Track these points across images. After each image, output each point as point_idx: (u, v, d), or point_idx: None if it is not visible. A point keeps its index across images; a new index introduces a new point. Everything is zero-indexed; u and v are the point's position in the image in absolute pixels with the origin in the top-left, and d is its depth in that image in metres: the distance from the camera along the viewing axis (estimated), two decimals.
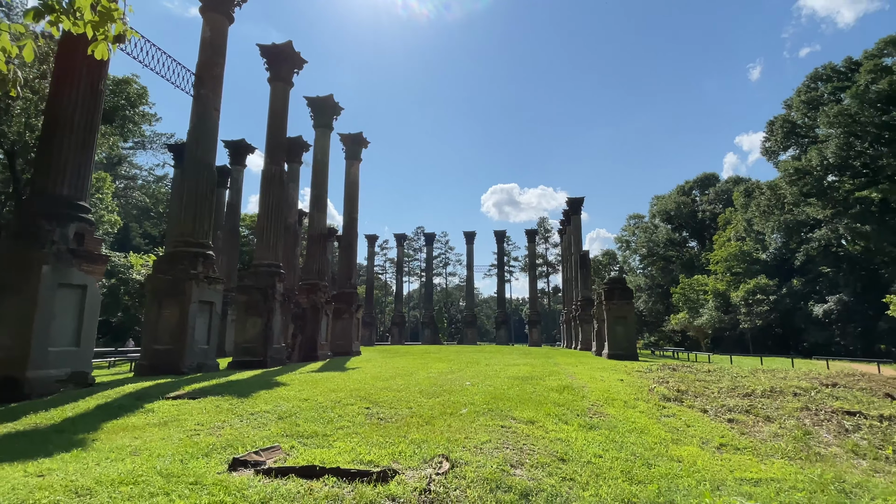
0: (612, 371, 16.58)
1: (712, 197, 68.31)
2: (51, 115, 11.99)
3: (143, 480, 4.34)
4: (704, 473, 6.16)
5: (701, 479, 5.85)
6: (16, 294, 10.70)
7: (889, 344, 37.73)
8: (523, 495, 4.70)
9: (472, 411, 8.23)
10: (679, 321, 53.76)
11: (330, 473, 4.53)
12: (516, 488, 4.79)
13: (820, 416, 9.32)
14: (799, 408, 9.96)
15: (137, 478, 4.40)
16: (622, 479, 5.73)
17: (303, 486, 4.32)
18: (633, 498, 5.04)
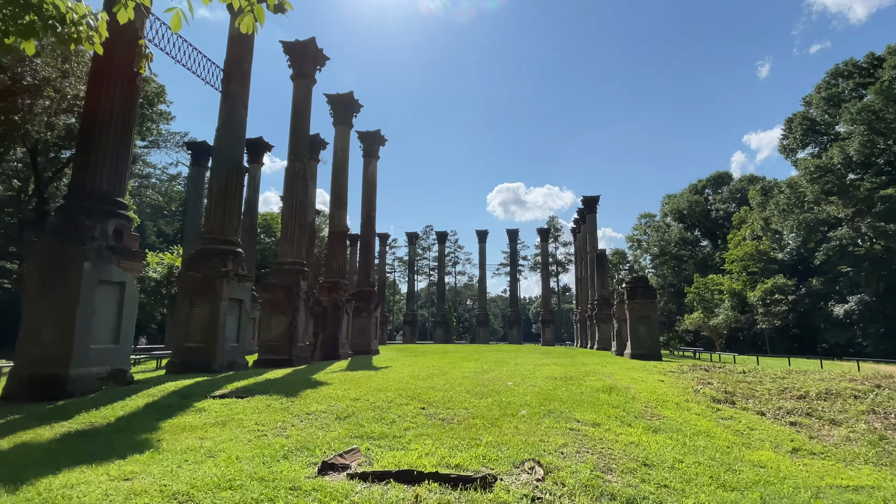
0: (644, 371, 16.31)
1: (726, 196, 67.66)
2: (89, 111, 11.87)
3: (239, 485, 4.15)
4: (795, 480, 5.90)
5: (796, 486, 5.59)
6: (57, 291, 10.57)
7: None
8: (629, 503, 4.47)
9: (531, 413, 8.00)
10: (693, 321, 53.25)
11: (430, 479, 4.32)
12: (621, 496, 4.56)
13: (890, 420, 9.03)
14: (864, 411, 9.67)
15: (232, 482, 4.21)
16: (714, 485, 5.49)
17: (407, 492, 4.11)
18: None
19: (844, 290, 44.69)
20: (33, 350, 10.40)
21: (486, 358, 20.39)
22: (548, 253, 58.53)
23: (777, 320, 45.70)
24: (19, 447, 5.92)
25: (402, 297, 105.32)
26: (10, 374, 10.60)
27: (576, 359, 21.88)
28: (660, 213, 74.92)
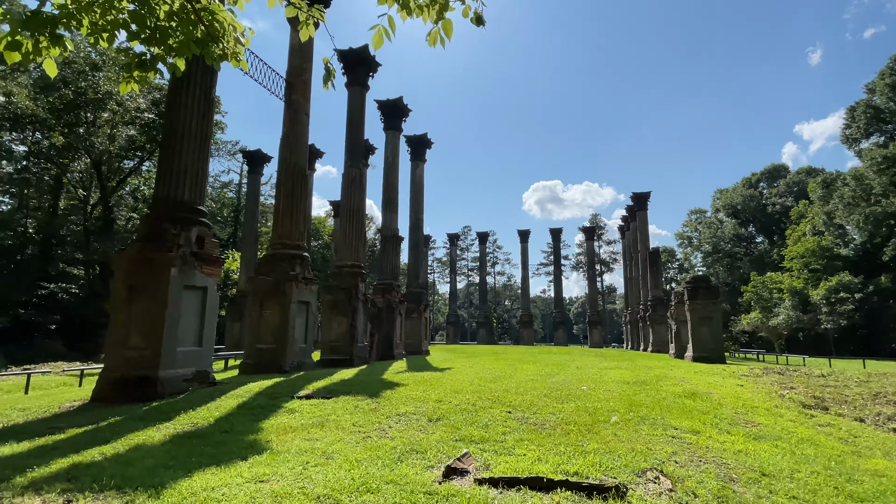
0: (717, 375, 15.69)
1: (782, 189, 64.42)
2: (169, 123, 12.45)
3: (376, 488, 4.23)
4: None
5: None
6: (146, 296, 11.14)
7: None
8: None
9: (623, 419, 7.81)
10: (751, 321, 50.96)
11: (562, 486, 4.27)
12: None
13: None
14: None
15: (367, 486, 4.29)
16: (840, 496, 5.20)
17: (544, 499, 4.08)
18: None
19: None
20: (123, 353, 10.97)
21: (542, 360, 20.15)
22: (593, 252, 57.34)
23: (843, 320, 43.09)
24: (135, 449, 6.20)
25: (441, 298, 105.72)
26: (100, 376, 11.22)
27: (636, 362, 21.31)
28: (711, 209, 72.15)
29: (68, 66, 30.43)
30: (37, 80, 32.41)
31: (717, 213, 72.33)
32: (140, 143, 35.35)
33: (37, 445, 6.31)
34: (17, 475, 4.93)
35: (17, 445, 6.35)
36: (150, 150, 36.51)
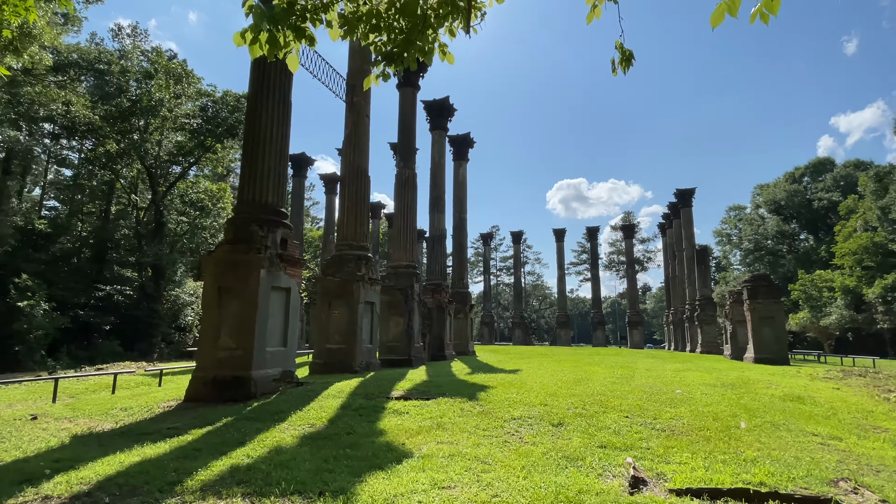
0: (797, 377, 15.09)
1: (829, 184, 61.96)
2: (252, 127, 12.59)
3: (575, 500, 4.06)
4: None
5: None
6: (236, 297, 11.26)
7: None
8: None
9: (752, 425, 7.48)
10: (799, 321, 49.12)
11: (772, 499, 4.02)
12: None
13: None
14: None
15: (565, 496, 4.13)
16: None
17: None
18: None
19: None
20: (215, 353, 11.11)
21: (604, 363, 19.73)
22: (632, 250, 56.28)
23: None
24: (277, 451, 6.13)
25: (473, 299, 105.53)
26: (193, 376, 11.38)
27: (699, 363, 20.71)
28: (751, 205, 69.99)
29: (122, 74, 31.40)
30: (90, 89, 33.53)
31: (757, 209, 70.11)
32: (188, 148, 36.19)
33: (175, 447, 6.36)
34: (184, 478, 4.95)
35: (154, 446, 6.41)
36: (197, 155, 37.35)
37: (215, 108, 35.81)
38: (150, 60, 32.31)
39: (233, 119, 36.57)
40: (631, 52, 3.04)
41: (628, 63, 3.05)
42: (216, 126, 36.18)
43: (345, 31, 3.25)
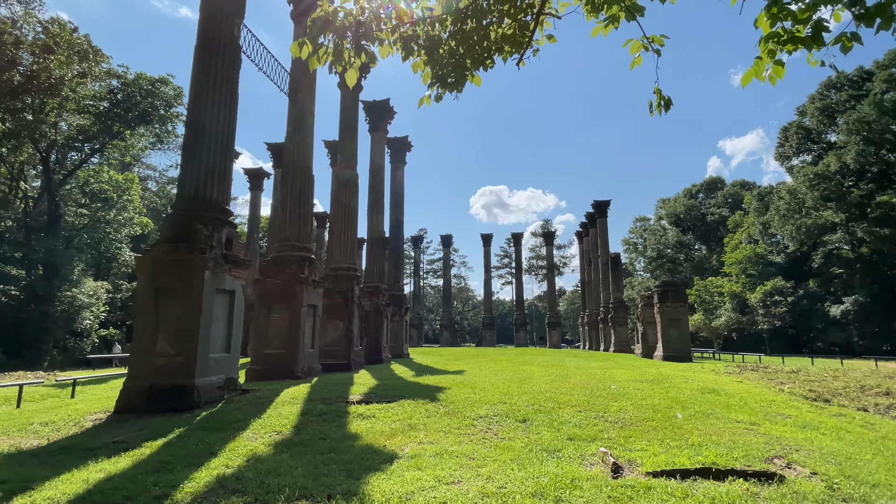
0: (705, 373, 16.97)
1: (720, 200, 69.75)
2: (194, 119, 11.86)
3: (573, 485, 4.46)
4: None
5: None
6: (176, 300, 10.54)
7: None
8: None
9: (688, 415, 8.45)
10: (695, 322, 54.70)
11: (731, 475, 4.71)
12: (885, 485, 5.02)
13: None
14: None
15: (564, 483, 4.52)
16: None
17: (723, 486, 4.49)
18: None
19: (839, 292, 46.66)
20: (152, 360, 10.33)
21: (536, 362, 20.79)
22: (552, 256, 59.40)
23: (777, 321, 47.38)
24: (256, 459, 5.92)
25: None
26: (125, 386, 10.48)
27: (618, 361, 22.49)
28: (654, 217, 76.71)
29: (16, 46, 27.69)
30: None
31: (660, 220, 77.07)
32: (92, 133, 32.74)
33: (137, 461, 5.95)
34: (170, 491, 4.71)
35: (112, 462, 5.94)
36: (102, 141, 33.91)
37: (127, 92, 32.75)
38: (51, 33, 28.81)
39: (146, 104, 33.67)
40: (669, 98, 3.49)
41: (667, 107, 3.50)
42: (126, 111, 33.09)
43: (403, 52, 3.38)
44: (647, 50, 3.41)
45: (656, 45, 3.39)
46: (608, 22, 3.34)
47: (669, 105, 3.51)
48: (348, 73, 3.38)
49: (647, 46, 3.36)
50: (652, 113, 3.56)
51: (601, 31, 3.38)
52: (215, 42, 12.13)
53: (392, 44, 3.30)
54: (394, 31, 3.24)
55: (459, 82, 3.47)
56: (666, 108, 3.53)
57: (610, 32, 3.34)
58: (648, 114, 16.14)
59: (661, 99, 3.49)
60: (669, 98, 3.49)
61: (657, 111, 3.54)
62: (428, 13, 3.23)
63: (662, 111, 3.53)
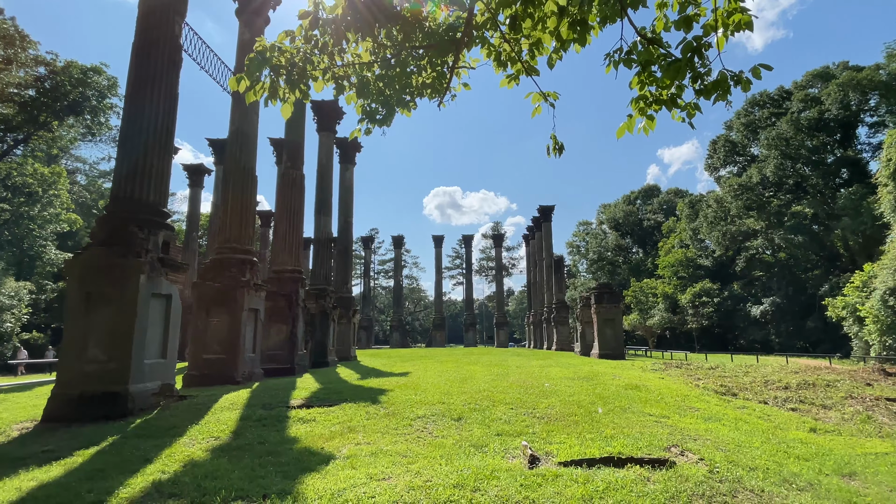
0: (633, 370, 18.17)
1: (656, 207, 73.90)
2: (130, 118, 11.54)
3: (492, 475, 4.95)
4: (837, 450, 7.58)
5: (843, 454, 7.24)
6: (109, 305, 10.27)
7: (816, 341, 43.04)
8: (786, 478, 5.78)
9: (607, 410, 9.24)
10: (631, 322, 57.75)
11: (630, 462, 5.36)
12: (761, 468, 5.86)
13: (867, 403, 11.26)
14: (844, 396, 11.91)
15: (484, 474, 5.00)
16: (791, 457, 6.98)
17: (620, 472, 5.13)
18: (799, 473, 6.25)
19: (759, 293, 50.76)
20: (82, 367, 10.02)
21: (480, 361, 21.46)
22: (501, 258, 60.81)
23: (704, 320, 50.94)
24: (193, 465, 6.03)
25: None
26: (53, 393, 10.10)
27: (557, 360, 23.58)
28: (596, 222, 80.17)
29: None
30: None
31: (601, 225, 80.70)
32: (16, 122, 30.48)
33: (69, 469, 5.91)
34: (105, 497, 4.81)
35: (44, 470, 5.87)
36: (27, 131, 31.64)
37: (55, 80, 30.74)
38: None
39: (77, 94, 31.75)
40: (562, 144, 4.03)
41: (560, 151, 4.04)
42: (55, 100, 31.07)
43: (335, 90, 3.71)
44: (546, 101, 3.95)
45: (552, 98, 3.94)
46: (510, 79, 3.85)
47: (562, 149, 4.07)
48: (283, 107, 3.68)
49: (545, 97, 3.91)
50: (549, 155, 4.12)
51: (506, 85, 3.90)
52: (154, 41, 11.85)
53: (325, 80, 3.63)
54: (326, 72, 3.58)
55: (387, 119, 3.86)
56: (559, 153, 4.09)
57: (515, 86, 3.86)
58: (596, 117, 17.08)
59: (556, 144, 4.04)
60: (562, 144, 4.04)
61: (553, 154, 4.09)
62: (357, 58, 3.60)
63: (557, 154, 4.09)
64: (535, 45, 3.64)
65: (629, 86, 3.59)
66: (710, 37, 3.18)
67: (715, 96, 3.21)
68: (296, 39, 3.39)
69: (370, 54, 3.56)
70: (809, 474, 6.05)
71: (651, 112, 3.56)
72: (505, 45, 3.72)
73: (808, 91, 47.40)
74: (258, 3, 17.78)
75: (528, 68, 3.76)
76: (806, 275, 47.16)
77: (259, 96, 3.51)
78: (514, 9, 3.39)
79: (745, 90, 3.22)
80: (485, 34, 3.71)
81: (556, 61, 3.65)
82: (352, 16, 3.16)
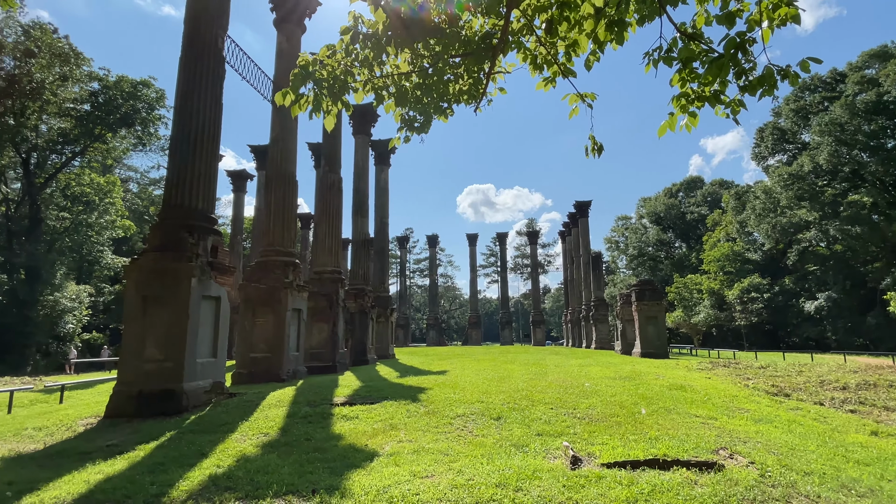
0: (677, 369, 17.68)
1: (699, 199, 71.27)
2: (180, 129, 12.12)
3: (534, 476, 4.97)
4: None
5: None
6: (164, 307, 10.85)
7: (877, 338, 40.48)
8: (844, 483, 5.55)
9: (651, 411, 9.05)
10: (674, 319, 55.98)
11: (676, 464, 5.26)
12: (817, 473, 5.62)
13: None
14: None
15: (526, 475, 5.02)
16: (850, 462, 6.65)
17: (666, 475, 5.05)
18: (859, 478, 5.91)
19: (813, 288, 48.18)
20: (140, 366, 10.63)
21: (517, 360, 21.37)
22: (536, 255, 60.23)
23: (754, 317, 48.80)
24: (245, 459, 6.34)
25: None
26: (115, 391, 10.77)
27: (597, 359, 23.18)
28: (636, 216, 78.05)
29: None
30: None
31: (641, 219, 78.47)
32: (74, 136, 32.50)
33: (133, 462, 6.32)
34: (166, 489, 5.12)
35: (109, 464, 6.31)
36: (84, 144, 33.67)
37: (108, 94, 32.57)
38: (32, 36, 28.55)
39: (128, 107, 33.53)
40: (601, 144, 4.01)
41: (600, 151, 4.02)
42: (108, 113, 32.92)
43: (374, 100, 3.84)
44: (583, 101, 3.93)
45: (589, 99, 3.91)
46: (547, 82, 3.85)
47: (601, 150, 4.03)
48: (327, 119, 3.83)
49: (582, 98, 3.89)
50: (588, 156, 4.09)
51: (542, 87, 3.90)
52: (199, 54, 12.40)
53: (365, 91, 3.75)
54: (366, 84, 3.71)
55: (425, 126, 3.94)
56: (598, 153, 4.05)
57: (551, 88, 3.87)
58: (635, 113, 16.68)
59: (594, 144, 4.01)
60: (601, 144, 4.01)
61: (592, 154, 4.06)
62: (395, 69, 3.71)
63: (596, 155, 4.05)
64: (571, 47, 3.64)
65: (670, 83, 3.52)
66: (754, 32, 3.09)
67: (760, 92, 3.12)
68: (337, 53, 3.54)
69: (408, 64, 3.66)
70: (870, 480, 5.76)
71: (693, 109, 3.48)
72: (541, 49, 3.74)
73: (865, 72, 44.56)
74: (295, 13, 18.29)
75: (564, 70, 3.76)
76: (865, 268, 44.41)
77: (304, 109, 3.67)
78: (549, 13, 3.42)
79: (793, 85, 3.11)
80: (520, 39, 3.74)
81: (594, 63, 3.64)
82: (392, 31, 3.27)
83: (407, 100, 3.81)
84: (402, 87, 3.79)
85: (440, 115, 3.96)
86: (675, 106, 3.55)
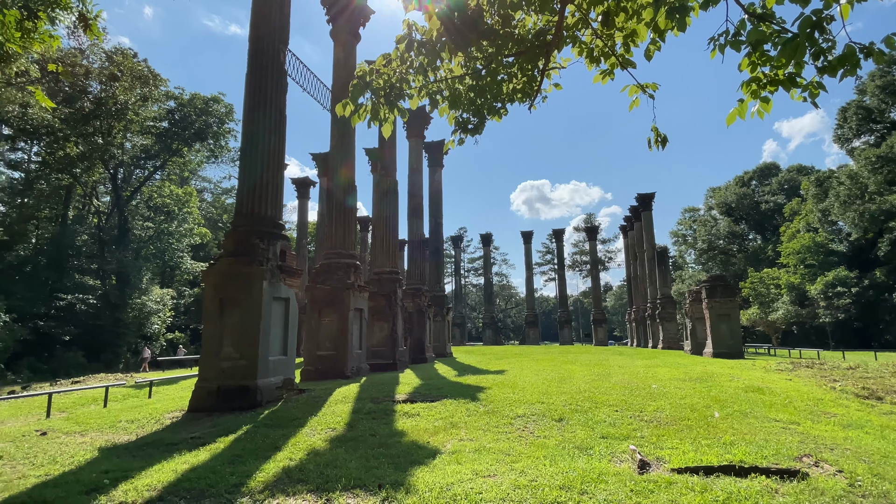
0: (753, 370, 16.59)
1: (775, 187, 66.38)
2: (249, 142, 12.88)
3: (600, 479, 4.87)
4: None
5: None
6: (238, 308, 11.58)
7: None
8: None
9: (725, 414, 8.56)
10: (749, 317, 52.51)
11: (753, 471, 4.97)
12: None
13: None
14: None
15: (591, 477, 4.93)
16: None
17: (743, 482, 4.77)
18: None
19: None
20: (218, 364, 11.40)
21: (579, 360, 20.89)
22: (595, 251, 58.54)
23: (840, 313, 44.80)
24: (314, 453, 6.70)
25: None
26: (197, 386, 11.61)
27: (665, 359, 22.20)
28: (704, 207, 73.94)
29: (85, 75, 30.41)
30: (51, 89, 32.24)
31: (710, 210, 74.20)
32: (154, 151, 35.35)
33: (214, 454, 6.80)
34: (245, 480, 5.47)
35: (193, 455, 6.82)
36: (163, 158, 36.52)
37: (183, 111, 35.13)
38: (114, 61, 31.38)
39: (201, 122, 35.99)
40: (665, 136, 3.86)
41: (664, 143, 3.88)
42: (183, 129, 35.52)
43: (429, 105, 3.94)
44: (644, 92, 3.78)
45: (650, 89, 3.76)
46: (605, 74, 3.75)
47: (666, 141, 3.86)
48: (384, 127, 3.96)
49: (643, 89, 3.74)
50: (651, 148, 3.93)
51: (599, 80, 3.80)
52: (264, 69, 13.11)
53: (419, 97, 3.84)
54: (421, 90, 3.79)
55: (479, 128, 3.97)
56: (662, 145, 3.88)
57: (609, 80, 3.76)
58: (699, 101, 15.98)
59: (658, 136, 3.85)
60: (665, 136, 3.84)
61: (656, 146, 3.89)
62: (449, 73, 3.76)
63: (660, 147, 3.89)
64: (629, 37, 3.52)
65: (738, 68, 3.31)
66: (831, 9, 2.86)
67: (841, 73, 2.87)
68: (392, 62, 3.65)
69: (461, 67, 3.71)
70: None
71: (766, 94, 3.26)
72: (597, 42, 3.66)
73: None
74: (350, 23, 18.86)
75: (623, 62, 3.65)
76: None
77: (363, 119, 3.82)
78: (606, 5, 3.33)
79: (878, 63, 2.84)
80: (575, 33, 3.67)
81: (655, 52, 3.50)
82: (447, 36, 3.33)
83: (461, 102, 3.86)
84: (456, 90, 3.84)
85: (494, 116, 3.97)
86: (744, 92, 3.35)
